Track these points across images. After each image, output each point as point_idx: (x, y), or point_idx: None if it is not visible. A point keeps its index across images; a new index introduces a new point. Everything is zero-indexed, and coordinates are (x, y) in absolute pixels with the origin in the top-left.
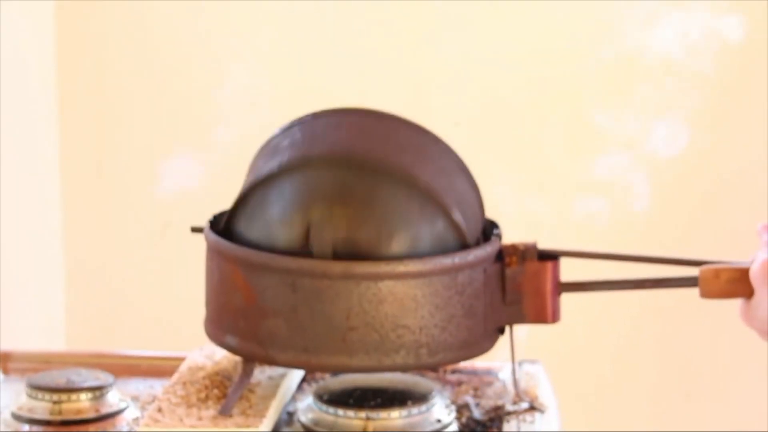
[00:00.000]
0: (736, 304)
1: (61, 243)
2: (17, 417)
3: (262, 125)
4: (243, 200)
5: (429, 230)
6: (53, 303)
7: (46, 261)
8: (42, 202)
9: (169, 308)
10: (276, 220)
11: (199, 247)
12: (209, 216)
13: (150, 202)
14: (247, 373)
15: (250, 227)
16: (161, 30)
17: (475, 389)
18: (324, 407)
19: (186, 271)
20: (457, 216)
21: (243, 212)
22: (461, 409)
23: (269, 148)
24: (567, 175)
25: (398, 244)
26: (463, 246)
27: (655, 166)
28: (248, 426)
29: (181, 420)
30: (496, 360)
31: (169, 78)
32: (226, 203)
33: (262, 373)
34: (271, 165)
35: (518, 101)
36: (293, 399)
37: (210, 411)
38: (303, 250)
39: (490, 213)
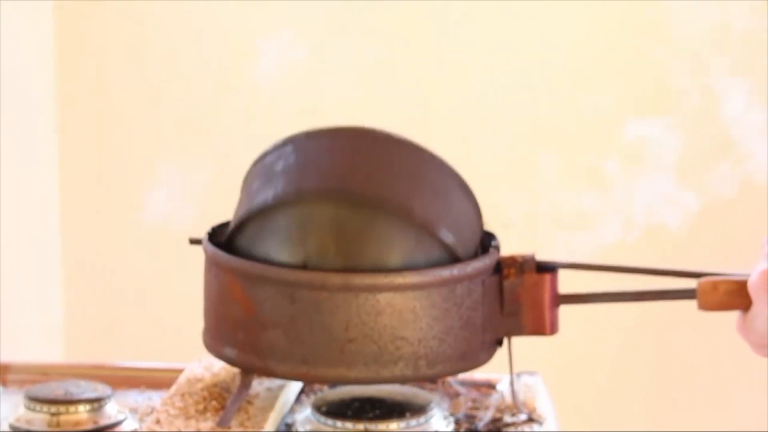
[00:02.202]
0: (733, 312)
1: (59, 249)
2: (15, 429)
3: (262, 132)
4: (239, 228)
5: (427, 241)
6: (52, 310)
7: (44, 267)
8: (41, 207)
9: (168, 319)
10: (272, 252)
11: (197, 256)
12: (209, 226)
13: (150, 209)
14: (245, 384)
15: (247, 235)
16: (162, 31)
17: (474, 401)
18: (322, 419)
19: (185, 282)
20: (453, 242)
21: (240, 239)
22: (460, 421)
23: (263, 169)
24: (568, 185)
25: (397, 254)
26: (465, 256)
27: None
28: None
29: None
30: (494, 372)
31: (169, 80)
32: (226, 211)
33: (260, 385)
34: (266, 195)
35: (523, 113)
36: (292, 411)
37: (208, 423)
38: (301, 256)
39: (491, 222)
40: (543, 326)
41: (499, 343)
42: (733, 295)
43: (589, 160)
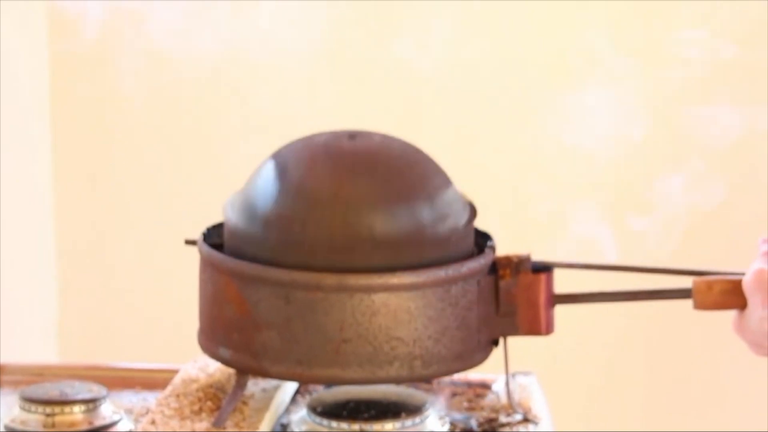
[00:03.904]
0: (728, 311)
1: (54, 250)
2: (10, 430)
3: (259, 136)
4: (236, 206)
5: (423, 241)
6: (46, 311)
7: (39, 268)
8: (35, 208)
9: (163, 319)
10: (269, 232)
11: (193, 257)
12: (203, 228)
13: (145, 214)
14: (240, 385)
15: (242, 236)
16: (157, 31)
17: (469, 401)
18: (317, 419)
19: (180, 283)
20: (456, 222)
21: (236, 220)
22: (455, 421)
23: (259, 173)
24: (561, 184)
25: (392, 256)
26: (461, 256)
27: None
28: None
29: None
30: (489, 372)
31: (165, 84)
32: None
33: (255, 386)
34: (264, 180)
35: (512, 109)
36: (287, 411)
37: (203, 423)
38: (295, 257)
39: (484, 222)
40: (538, 326)
41: (495, 343)
42: (729, 295)
43: (586, 160)
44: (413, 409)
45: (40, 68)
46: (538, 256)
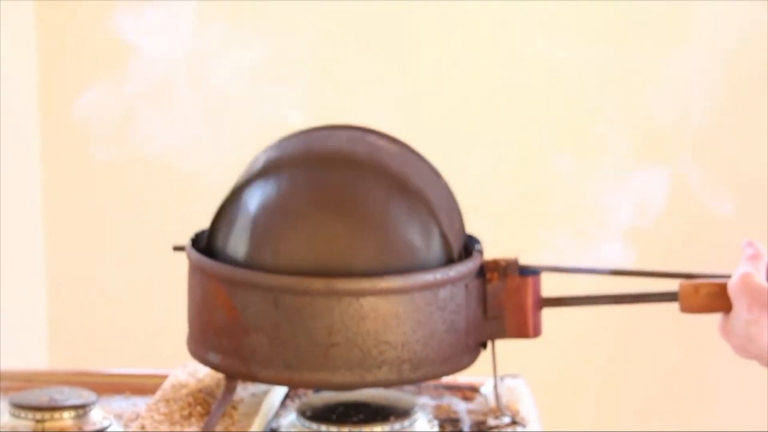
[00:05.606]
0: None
1: (43, 256)
2: None
3: (253, 135)
4: (223, 211)
5: (416, 241)
6: (36, 317)
7: (28, 275)
8: (24, 214)
9: (152, 325)
10: (256, 232)
11: (181, 262)
12: (192, 233)
13: (135, 218)
14: (229, 390)
15: (230, 241)
16: (150, 35)
17: (458, 404)
18: (307, 423)
19: (169, 288)
20: (445, 225)
21: (224, 225)
22: (444, 423)
23: (249, 165)
24: (558, 185)
25: (380, 259)
26: (449, 259)
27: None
28: None
29: None
30: (477, 375)
31: (154, 86)
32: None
33: (245, 390)
34: (250, 174)
35: (511, 109)
36: (276, 416)
37: (193, 428)
38: (284, 262)
39: (478, 226)
40: (526, 329)
41: (483, 346)
42: (715, 298)
43: (580, 161)
44: (402, 413)
45: (29, 68)
46: (525, 259)
